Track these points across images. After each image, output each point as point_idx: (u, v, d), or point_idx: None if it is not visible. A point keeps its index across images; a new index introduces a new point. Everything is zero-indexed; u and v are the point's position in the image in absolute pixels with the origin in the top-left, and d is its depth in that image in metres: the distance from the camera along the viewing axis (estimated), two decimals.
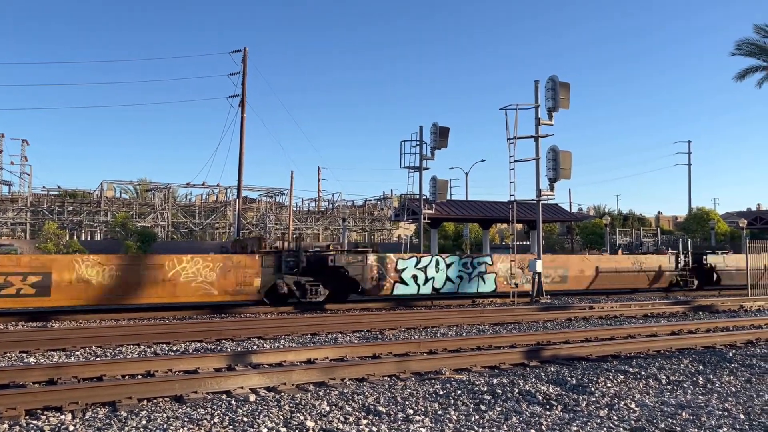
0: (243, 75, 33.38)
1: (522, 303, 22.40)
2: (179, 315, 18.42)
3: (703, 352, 11.47)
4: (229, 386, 8.25)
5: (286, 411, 7.04)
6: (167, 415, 6.88)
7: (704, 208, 58.98)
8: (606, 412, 7.07)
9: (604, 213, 68.50)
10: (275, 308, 19.99)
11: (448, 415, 6.94)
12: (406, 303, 22.16)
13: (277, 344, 12.82)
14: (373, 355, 10.62)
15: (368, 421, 6.69)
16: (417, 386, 8.44)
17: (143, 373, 9.20)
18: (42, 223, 43.03)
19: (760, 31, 38.92)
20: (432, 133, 29.84)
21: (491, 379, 8.81)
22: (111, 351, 11.96)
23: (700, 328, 14.94)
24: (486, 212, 35.82)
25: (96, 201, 49.32)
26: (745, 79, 40.99)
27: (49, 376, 8.75)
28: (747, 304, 21.83)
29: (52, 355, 11.36)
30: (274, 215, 54.31)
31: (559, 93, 23.92)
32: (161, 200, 50.49)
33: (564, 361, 10.55)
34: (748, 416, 6.96)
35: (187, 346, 12.42)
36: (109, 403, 7.44)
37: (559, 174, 24.12)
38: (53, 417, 6.82)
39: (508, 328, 15.64)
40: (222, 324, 15.04)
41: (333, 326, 14.83)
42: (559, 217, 41.50)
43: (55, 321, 16.93)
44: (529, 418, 6.86)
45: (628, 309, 19.75)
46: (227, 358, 10.08)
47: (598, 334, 13.36)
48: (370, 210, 62.31)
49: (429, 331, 15.03)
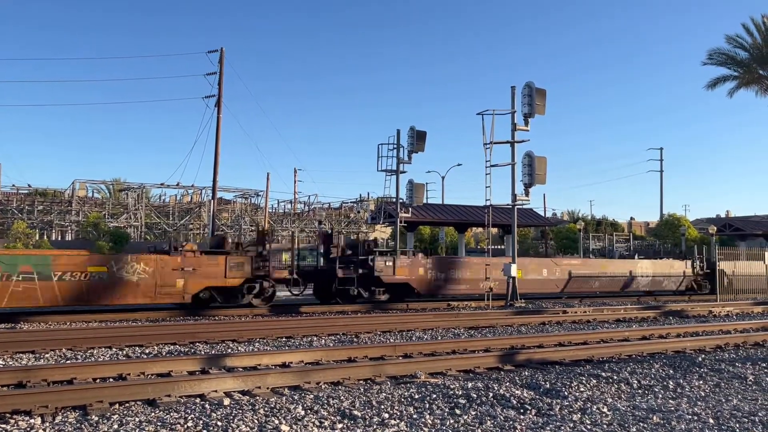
0: (219, 75, 33.14)
1: (496, 307, 22.55)
2: (152, 317, 18.18)
3: (674, 357, 11.66)
4: (203, 390, 8.16)
5: (261, 415, 7.00)
6: (140, 419, 6.79)
7: (675, 215, 60.04)
8: (579, 416, 7.15)
9: (577, 218, 69.27)
10: (251, 310, 19.87)
11: (423, 419, 6.95)
12: (381, 306, 22.17)
13: (252, 347, 12.73)
14: (349, 359, 10.61)
15: (343, 426, 6.68)
16: (392, 390, 8.44)
17: (115, 376, 9.07)
18: (11, 222, 42.20)
19: (731, 42, 39.81)
20: (409, 136, 29.86)
21: (466, 383, 8.85)
22: (82, 353, 11.76)
23: (670, 332, 15.18)
24: (462, 216, 36.04)
25: (67, 200, 48.51)
26: (716, 88, 41.89)
27: (18, 379, 8.57)
28: (716, 309, 22.25)
29: (21, 358, 11.15)
30: (249, 216, 53.97)
31: (536, 99, 24.16)
32: (134, 200, 49.86)
33: (538, 365, 10.65)
34: (717, 420, 7.09)
35: (160, 349, 12.28)
36: (80, 407, 7.31)
37: (534, 179, 24.35)
38: (22, 421, 6.69)
39: (482, 332, 15.73)
40: (196, 326, 14.89)
41: (308, 329, 14.77)
42: (534, 222, 41.94)
43: (24, 322, 16.60)
44: (504, 422, 6.91)
45: (601, 314, 19.99)
46: (201, 361, 9.98)
47: (572, 339, 13.51)
48: (346, 212, 62.28)
49: (404, 334, 15.06)
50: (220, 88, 33.01)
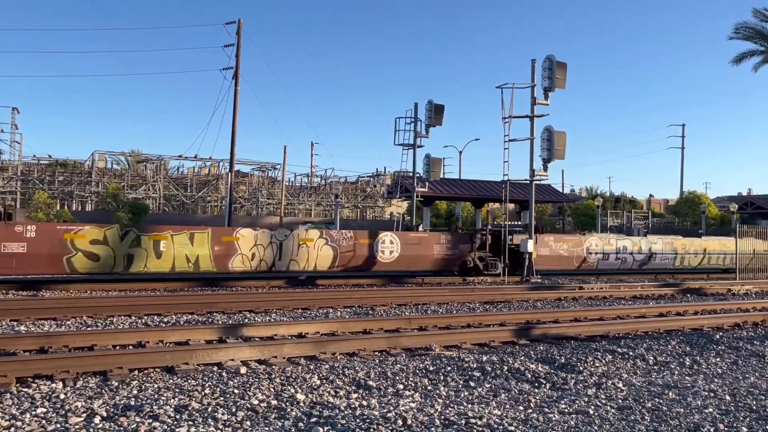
0: (237, 47, 32.96)
1: (512, 282, 22.52)
2: (170, 287, 18.41)
3: (691, 334, 11.59)
4: (220, 358, 8.27)
5: (277, 384, 7.08)
6: (158, 385, 6.91)
7: (695, 192, 59.35)
8: (594, 391, 7.15)
9: (596, 195, 68.69)
10: (267, 282, 20.04)
11: (438, 391, 7.00)
12: (396, 280, 22.24)
13: (269, 318, 12.85)
14: (364, 331, 10.67)
15: (358, 395, 6.74)
16: (407, 362, 8.49)
17: (134, 343, 9.22)
18: (32, 192, 42.72)
19: (758, 15, 38.69)
20: (427, 110, 29.69)
21: (481, 357, 8.88)
22: (102, 321, 11.96)
23: (687, 310, 15.08)
24: (479, 191, 35.84)
25: (87, 171, 48.96)
26: (741, 63, 40.84)
27: (40, 344, 8.75)
28: (735, 287, 22.04)
29: (43, 324, 11.36)
30: (267, 190, 54.17)
31: (556, 73, 23.82)
32: (153, 172, 50.20)
33: (553, 340, 10.65)
34: (733, 397, 7.05)
35: (179, 318, 12.45)
36: (101, 373, 7.46)
37: (553, 154, 24.11)
38: (44, 385, 6.83)
39: (498, 307, 15.74)
40: (213, 297, 15.05)
41: (324, 301, 14.87)
42: (551, 198, 41.62)
43: (46, 290, 16.89)
44: (518, 395, 6.93)
45: (618, 290, 19.89)
46: (218, 330, 10.10)
47: (588, 315, 13.47)
48: (362, 187, 62.21)
49: (419, 308, 15.11)
50: (237, 60, 32.89)
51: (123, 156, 55.83)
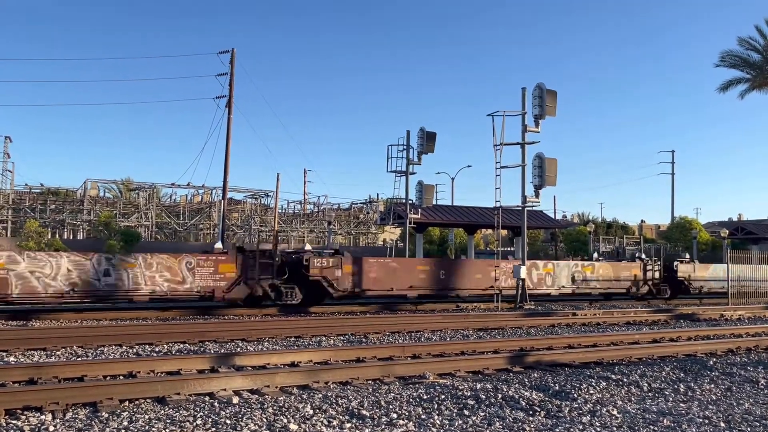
0: (230, 76, 33.20)
1: (505, 309, 22.49)
2: (162, 316, 18.27)
3: (684, 360, 11.58)
4: (212, 388, 8.19)
5: (270, 414, 7.01)
6: (149, 416, 6.83)
7: (686, 218, 59.58)
8: (588, 419, 7.12)
9: (588, 220, 68.93)
10: (260, 310, 19.92)
11: (432, 420, 6.94)
12: (389, 307, 22.16)
13: (261, 347, 12.76)
14: (357, 359, 10.61)
15: (352, 425, 6.68)
16: (401, 390, 8.44)
17: (125, 373, 9.12)
18: (23, 221, 42.51)
19: (743, 44, 39.38)
20: (419, 137, 29.91)
21: (475, 384, 8.83)
22: (92, 351, 11.84)
23: (681, 336, 15.08)
24: (471, 218, 35.94)
25: (79, 200, 48.79)
26: (728, 90, 41.43)
27: (29, 375, 8.64)
28: (727, 313, 22.08)
29: (33, 355, 11.23)
30: (259, 217, 54.10)
31: (546, 100, 24.11)
32: (145, 200, 50.08)
33: (547, 367, 10.60)
34: (728, 424, 7.03)
35: (170, 347, 12.33)
36: (90, 404, 7.36)
37: (544, 181, 24.29)
38: (33, 417, 6.74)
39: (491, 334, 15.69)
40: (205, 325, 14.95)
41: (317, 329, 14.79)
42: (544, 224, 41.74)
43: (35, 320, 16.73)
44: (513, 423, 6.89)
45: (611, 317, 19.89)
46: (210, 359, 10.01)
47: (581, 341, 13.44)
48: (355, 213, 62.23)
49: (413, 335, 15.04)
50: (231, 88, 33.10)
51: (115, 184, 55.71)
